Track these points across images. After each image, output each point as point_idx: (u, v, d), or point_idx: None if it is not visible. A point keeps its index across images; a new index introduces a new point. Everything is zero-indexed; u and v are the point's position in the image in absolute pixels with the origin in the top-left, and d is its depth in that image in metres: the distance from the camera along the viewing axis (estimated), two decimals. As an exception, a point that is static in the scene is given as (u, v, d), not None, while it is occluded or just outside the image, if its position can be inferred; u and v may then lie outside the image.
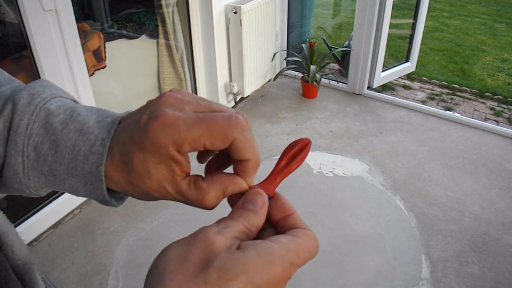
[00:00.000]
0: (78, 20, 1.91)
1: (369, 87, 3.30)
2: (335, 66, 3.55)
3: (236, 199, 0.32)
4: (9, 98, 0.32)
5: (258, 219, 0.30)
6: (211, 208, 0.32)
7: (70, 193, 0.34)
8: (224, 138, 0.29)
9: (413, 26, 3.32)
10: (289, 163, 0.34)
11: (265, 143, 2.67)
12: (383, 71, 3.31)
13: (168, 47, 2.71)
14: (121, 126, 0.32)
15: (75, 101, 0.36)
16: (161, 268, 0.26)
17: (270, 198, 0.32)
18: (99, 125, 0.32)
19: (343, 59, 3.49)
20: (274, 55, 3.21)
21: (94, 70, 2.31)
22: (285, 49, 3.45)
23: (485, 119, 3.17)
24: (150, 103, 0.31)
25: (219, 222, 0.29)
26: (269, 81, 3.36)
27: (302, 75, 3.24)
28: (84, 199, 2.17)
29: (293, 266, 0.27)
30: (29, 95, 0.32)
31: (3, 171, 0.32)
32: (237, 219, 0.29)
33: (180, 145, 0.29)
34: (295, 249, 0.28)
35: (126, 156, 0.30)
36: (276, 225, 0.32)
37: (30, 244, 1.94)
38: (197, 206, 0.32)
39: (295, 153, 0.34)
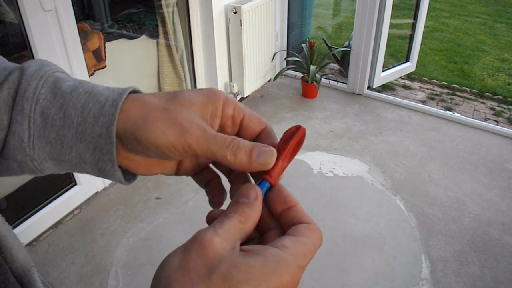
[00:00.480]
0: (78, 20, 1.91)
1: (369, 87, 3.30)
2: (335, 66, 3.55)
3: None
4: (15, 67, 0.31)
5: (253, 211, 0.29)
6: (236, 161, 0.30)
7: (76, 166, 0.32)
8: (260, 121, 0.34)
9: (413, 26, 3.32)
10: (289, 152, 0.34)
11: (265, 143, 2.67)
12: (383, 71, 3.31)
13: (168, 47, 2.71)
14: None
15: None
16: (164, 278, 0.26)
17: (271, 187, 0.32)
18: (109, 89, 0.32)
19: (343, 59, 3.49)
20: (274, 55, 3.21)
21: (94, 70, 2.31)
22: (285, 49, 3.45)
23: (485, 119, 3.17)
24: None
25: (215, 223, 0.28)
26: (269, 81, 3.36)
27: (302, 75, 3.24)
28: (84, 198, 2.17)
29: (301, 269, 0.27)
30: (39, 64, 0.32)
31: (6, 142, 0.30)
32: (231, 215, 0.28)
33: (229, 103, 0.32)
34: (301, 252, 0.27)
35: (177, 91, 0.32)
36: (278, 217, 0.31)
37: (30, 244, 1.94)
38: (222, 155, 0.30)
39: (294, 142, 0.34)
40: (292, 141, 0.34)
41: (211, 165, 0.37)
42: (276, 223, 0.32)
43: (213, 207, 0.36)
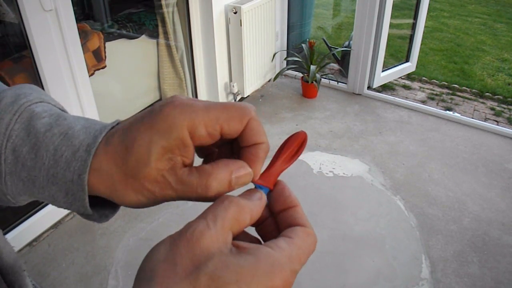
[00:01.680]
0: (78, 20, 1.91)
1: (369, 87, 3.30)
2: (335, 66, 3.55)
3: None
4: None
5: (254, 206, 0.28)
6: (213, 196, 0.28)
7: (51, 203, 0.31)
8: (241, 119, 0.29)
9: (413, 26, 3.32)
10: (289, 157, 0.33)
11: (265, 143, 2.67)
12: (383, 71, 3.31)
13: (168, 47, 2.71)
14: (122, 122, 0.30)
15: (63, 110, 0.33)
16: (148, 269, 0.25)
17: (270, 191, 0.32)
18: (85, 130, 0.29)
19: (343, 59, 3.49)
20: (274, 55, 3.21)
21: (94, 70, 2.31)
22: (285, 49, 3.45)
23: (485, 119, 3.17)
24: (159, 102, 0.29)
25: (207, 212, 0.26)
26: (269, 81, 3.36)
27: (302, 75, 3.24)
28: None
29: (294, 273, 0.26)
30: (15, 95, 0.30)
31: None
32: (227, 203, 0.26)
33: (196, 126, 0.27)
34: (296, 255, 0.26)
35: (128, 139, 0.28)
36: (276, 216, 0.30)
37: (30, 244, 1.94)
38: (198, 196, 0.28)
39: (295, 147, 0.33)
40: (289, 145, 0.33)
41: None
42: (275, 224, 0.31)
43: None
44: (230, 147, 0.33)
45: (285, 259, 0.25)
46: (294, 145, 0.33)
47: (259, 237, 0.31)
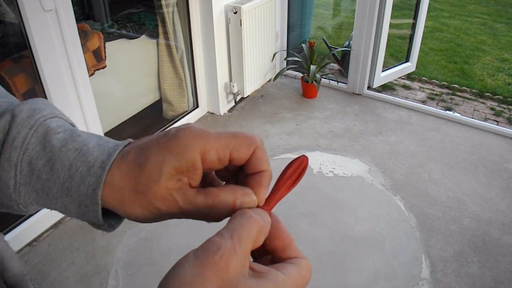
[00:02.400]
0: (78, 20, 1.91)
1: (369, 87, 3.30)
2: (335, 66, 3.55)
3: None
4: (7, 110, 0.31)
5: (267, 228, 0.29)
6: (219, 218, 0.31)
7: (61, 212, 0.32)
8: (249, 145, 0.30)
9: (413, 26, 3.32)
10: (290, 184, 0.34)
11: (265, 143, 2.65)
12: (383, 71, 3.31)
13: (168, 47, 2.71)
14: (136, 141, 0.32)
15: (73, 124, 0.35)
16: None
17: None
18: (99, 148, 0.31)
19: (343, 59, 3.49)
20: (274, 55, 3.21)
21: (94, 70, 2.31)
22: (285, 49, 3.45)
23: (485, 119, 3.17)
24: (174, 127, 0.32)
25: (231, 229, 0.27)
26: (269, 81, 3.36)
27: (302, 75, 3.24)
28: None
29: None
30: (30, 109, 0.31)
31: None
32: (252, 225, 0.27)
33: (208, 151, 0.29)
34: (300, 283, 0.28)
35: (143, 157, 0.29)
36: (272, 252, 0.31)
37: (30, 244, 1.94)
38: (204, 216, 0.31)
39: (297, 174, 0.35)
40: (291, 172, 0.34)
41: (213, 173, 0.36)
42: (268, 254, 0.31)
43: None
44: (236, 180, 0.34)
45: (293, 285, 0.27)
46: (296, 172, 0.34)
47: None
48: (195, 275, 0.24)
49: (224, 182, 0.35)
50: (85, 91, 2.01)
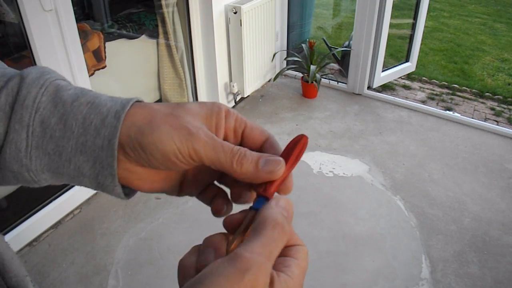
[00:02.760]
0: (78, 20, 1.91)
1: (369, 87, 3.30)
2: (335, 66, 3.55)
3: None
4: (15, 74, 0.30)
5: (289, 230, 0.29)
6: (242, 169, 0.30)
7: (73, 179, 0.31)
8: (263, 131, 0.34)
9: (413, 26, 3.32)
10: (289, 164, 0.33)
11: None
12: (383, 71, 3.31)
13: (168, 47, 2.71)
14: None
15: None
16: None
17: (267, 199, 0.31)
18: (111, 99, 0.30)
19: (343, 59, 3.49)
20: (274, 55, 3.21)
21: (94, 70, 2.31)
22: (285, 49, 3.45)
23: (485, 119, 3.17)
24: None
25: (260, 243, 0.26)
26: (269, 81, 3.36)
27: (302, 75, 3.24)
28: (84, 198, 2.17)
29: None
30: (39, 71, 0.31)
31: (2, 151, 0.29)
32: (282, 238, 0.27)
33: (231, 113, 0.32)
34: (302, 277, 0.28)
35: (181, 103, 0.31)
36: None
37: (30, 244, 1.94)
38: (227, 163, 0.30)
39: (296, 152, 0.33)
40: (294, 152, 0.33)
41: (215, 182, 0.36)
42: None
43: (218, 216, 0.35)
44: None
45: (298, 285, 0.27)
46: (296, 151, 0.33)
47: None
48: (231, 284, 0.23)
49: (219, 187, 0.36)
50: (85, 91, 2.01)
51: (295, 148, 0.33)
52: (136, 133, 0.29)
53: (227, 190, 0.35)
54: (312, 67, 3.04)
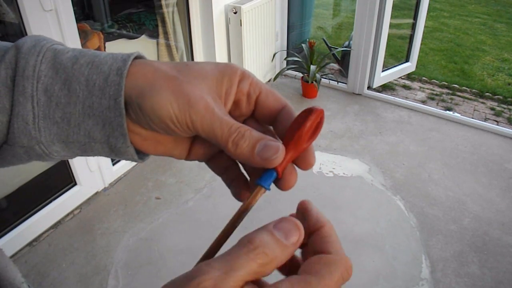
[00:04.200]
0: (78, 20, 1.91)
1: (369, 87, 3.30)
2: (335, 66, 3.55)
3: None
4: (10, 46, 0.29)
5: (282, 255, 0.24)
6: (240, 152, 0.28)
7: (84, 148, 0.30)
8: (279, 99, 0.32)
9: (413, 26, 3.32)
10: (302, 138, 0.29)
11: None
12: (383, 71, 3.31)
13: (168, 47, 2.71)
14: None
15: None
16: None
17: (278, 179, 0.29)
18: (112, 56, 0.29)
19: (343, 59, 3.49)
20: (274, 55, 3.21)
21: (94, 70, 2.31)
22: (285, 49, 3.45)
23: (485, 119, 3.17)
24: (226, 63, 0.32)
25: (223, 259, 0.23)
26: (269, 81, 3.36)
27: (302, 75, 3.24)
28: (84, 198, 2.17)
29: None
30: (34, 39, 0.29)
31: (10, 126, 0.28)
32: (254, 258, 0.22)
33: (247, 76, 0.30)
34: None
35: (192, 62, 0.30)
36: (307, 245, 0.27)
37: (30, 244, 1.94)
38: (223, 140, 0.28)
39: (311, 126, 0.29)
40: (304, 126, 0.29)
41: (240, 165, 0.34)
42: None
43: (238, 200, 0.32)
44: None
45: None
46: (312, 123, 0.29)
47: None
48: None
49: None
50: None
51: (308, 119, 0.29)
52: (137, 94, 0.28)
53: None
54: (312, 67, 3.04)
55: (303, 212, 0.28)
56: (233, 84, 0.30)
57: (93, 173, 2.17)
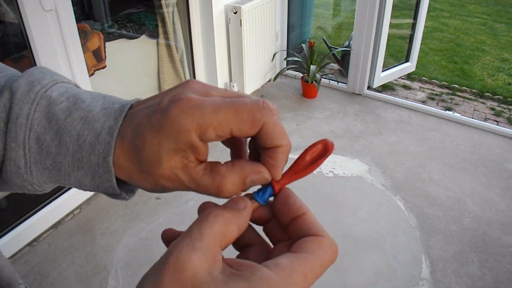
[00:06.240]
0: (78, 20, 1.91)
1: (369, 87, 3.30)
2: (335, 66, 3.55)
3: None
4: (5, 87, 0.29)
5: (239, 218, 0.27)
6: (228, 196, 0.28)
7: (76, 187, 0.31)
8: (253, 122, 0.27)
9: (413, 26, 3.32)
10: (307, 165, 0.32)
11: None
12: (383, 71, 3.31)
13: (168, 47, 2.71)
14: (136, 109, 0.29)
15: (77, 86, 0.33)
16: None
17: (274, 195, 0.30)
18: (105, 112, 0.29)
19: (343, 59, 3.49)
20: (274, 55, 3.21)
21: (94, 70, 2.31)
22: (285, 49, 3.45)
23: (485, 119, 3.17)
24: (171, 89, 0.29)
25: (191, 229, 0.25)
26: (269, 81, 3.36)
27: (302, 75, 3.24)
28: (84, 198, 2.17)
29: None
30: (28, 82, 0.30)
31: (3, 167, 0.29)
32: (213, 219, 0.25)
33: (205, 130, 0.26)
34: (301, 272, 0.24)
35: (139, 139, 0.27)
36: (286, 229, 0.29)
37: (30, 244, 1.94)
38: (212, 195, 0.29)
39: (317, 155, 0.32)
40: (308, 154, 0.32)
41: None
42: (287, 235, 0.29)
43: None
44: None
45: (284, 279, 0.23)
46: (314, 155, 0.32)
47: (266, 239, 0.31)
48: (153, 284, 0.23)
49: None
50: (85, 91, 2.01)
51: (313, 153, 0.32)
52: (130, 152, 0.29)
53: None
54: (312, 67, 3.04)
55: (284, 198, 0.30)
56: (192, 143, 0.27)
57: (93, 173, 2.17)
